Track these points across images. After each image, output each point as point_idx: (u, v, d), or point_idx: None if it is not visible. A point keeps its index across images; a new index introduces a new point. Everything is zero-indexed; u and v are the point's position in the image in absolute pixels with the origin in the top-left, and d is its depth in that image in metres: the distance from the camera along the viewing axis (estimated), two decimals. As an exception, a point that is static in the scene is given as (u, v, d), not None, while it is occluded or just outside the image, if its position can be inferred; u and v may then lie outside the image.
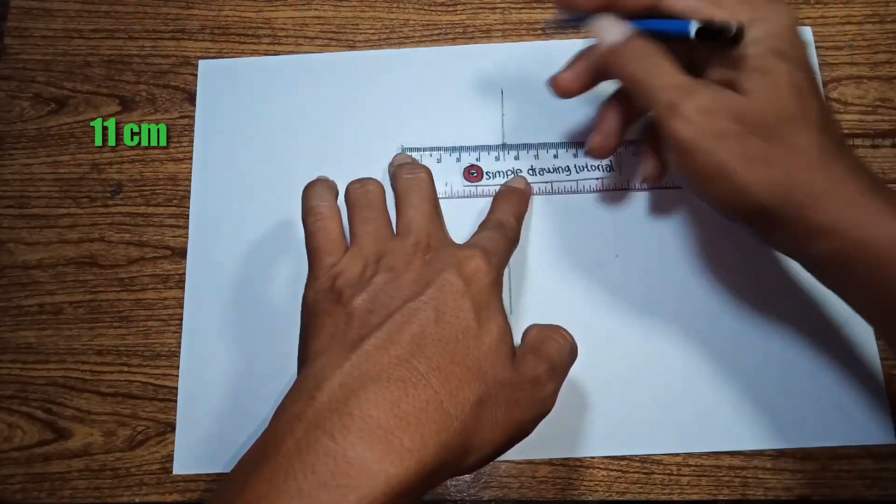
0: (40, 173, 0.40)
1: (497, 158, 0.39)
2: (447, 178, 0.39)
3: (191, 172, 0.40)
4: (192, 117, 0.41)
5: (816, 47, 0.40)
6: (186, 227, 0.39)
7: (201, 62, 0.41)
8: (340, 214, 0.33)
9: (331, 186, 0.34)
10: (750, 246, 0.37)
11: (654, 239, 0.38)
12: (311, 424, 0.24)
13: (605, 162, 0.39)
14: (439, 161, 0.39)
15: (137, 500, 0.35)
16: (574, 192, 0.38)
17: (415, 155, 0.39)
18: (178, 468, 0.36)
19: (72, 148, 0.40)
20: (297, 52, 0.41)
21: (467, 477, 0.35)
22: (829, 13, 0.41)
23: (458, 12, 0.42)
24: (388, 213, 0.33)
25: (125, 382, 0.37)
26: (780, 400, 0.35)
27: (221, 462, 0.36)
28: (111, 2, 0.42)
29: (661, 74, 0.30)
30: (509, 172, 0.39)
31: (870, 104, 0.40)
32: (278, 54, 0.41)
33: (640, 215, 0.38)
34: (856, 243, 0.28)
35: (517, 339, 0.30)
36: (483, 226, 0.34)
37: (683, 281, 0.37)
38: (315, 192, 0.33)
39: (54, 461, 0.36)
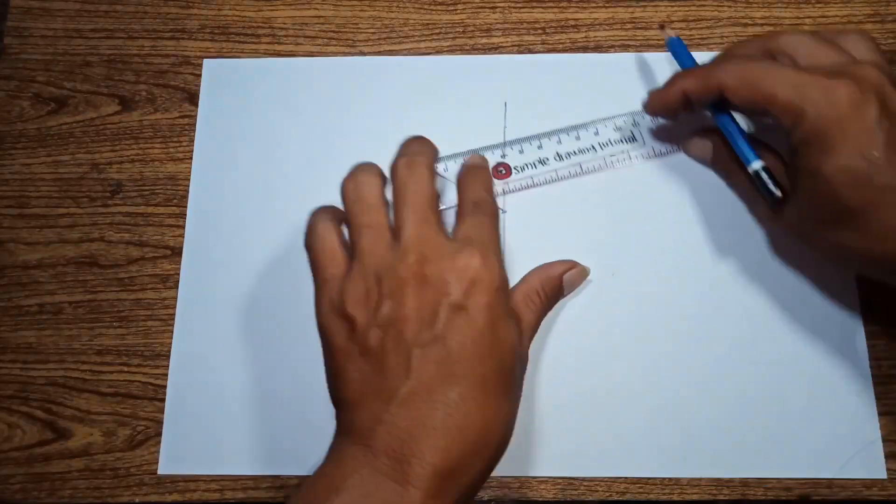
0: (40, 173, 0.40)
1: (521, 151, 0.39)
2: None
3: (191, 172, 0.40)
4: (192, 117, 0.41)
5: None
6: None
7: (206, 61, 0.41)
8: (339, 228, 0.32)
9: (336, 213, 0.33)
10: (750, 267, 0.37)
11: (650, 258, 0.37)
12: (374, 469, 0.27)
13: (626, 134, 0.39)
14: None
15: (137, 500, 0.35)
16: (604, 169, 0.38)
17: (440, 165, 0.38)
18: (164, 468, 0.36)
19: (72, 148, 0.40)
20: (297, 52, 0.41)
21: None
22: (829, 13, 0.41)
23: (458, 12, 0.42)
24: (384, 208, 0.32)
25: (125, 382, 0.37)
26: (774, 427, 0.35)
27: (207, 463, 0.35)
28: (111, 2, 0.42)
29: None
30: (537, 163, 0.38)
31: (870, 104, 0.40)
32: (278, 53, 0.41)
33: (637, 234, 0.38)
34: None
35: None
36: (462, 211, 0.33)
37: (680, 300, 0.37)
38: (317, 213, 0.33)
39: (54, 461, 0.36)
